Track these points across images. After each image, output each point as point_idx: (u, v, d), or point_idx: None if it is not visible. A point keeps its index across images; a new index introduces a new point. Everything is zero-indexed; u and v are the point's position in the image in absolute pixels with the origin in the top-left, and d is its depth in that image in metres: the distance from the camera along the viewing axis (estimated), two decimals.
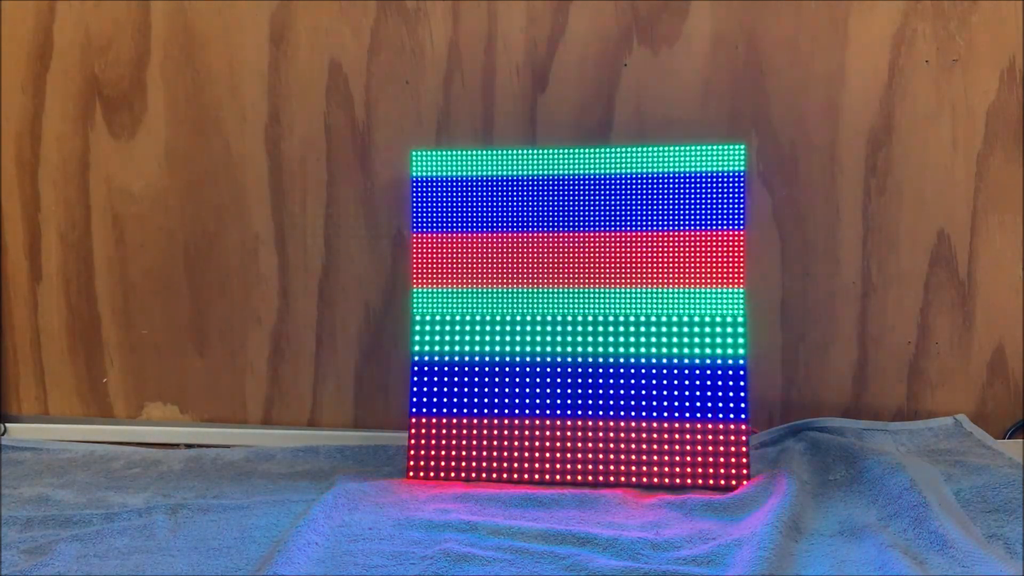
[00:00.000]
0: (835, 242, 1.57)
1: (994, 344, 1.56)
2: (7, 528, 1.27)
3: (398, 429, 1.60)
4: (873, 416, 1.58)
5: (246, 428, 1.69)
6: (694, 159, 1.41)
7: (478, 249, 1.45)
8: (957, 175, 1.54)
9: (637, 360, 1.40)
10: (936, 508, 1.16)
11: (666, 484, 1.36)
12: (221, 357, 1.70)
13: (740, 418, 1.36)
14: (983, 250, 1.55)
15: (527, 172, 1.45)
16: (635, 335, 1.40)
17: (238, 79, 1.64)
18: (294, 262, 1.66)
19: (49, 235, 1.71)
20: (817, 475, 1.37)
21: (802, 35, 1.54)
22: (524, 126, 1.59)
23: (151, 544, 1.21)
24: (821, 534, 1.18)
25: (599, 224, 1.43)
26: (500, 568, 1.08)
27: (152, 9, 1.64)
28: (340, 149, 1.63)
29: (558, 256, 1.44)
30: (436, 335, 1.45)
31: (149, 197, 1.68)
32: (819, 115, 1.55)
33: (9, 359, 1.75)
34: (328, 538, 1.17)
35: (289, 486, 1.43)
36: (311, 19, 1.61)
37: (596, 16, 1.56)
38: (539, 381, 1.42)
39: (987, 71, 1.52)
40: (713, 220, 1.40)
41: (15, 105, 1.69)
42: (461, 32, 1.59)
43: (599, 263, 1.43)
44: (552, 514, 1.26)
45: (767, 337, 1.58)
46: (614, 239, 1.43)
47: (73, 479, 1.48)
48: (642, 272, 1.41)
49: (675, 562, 1.09)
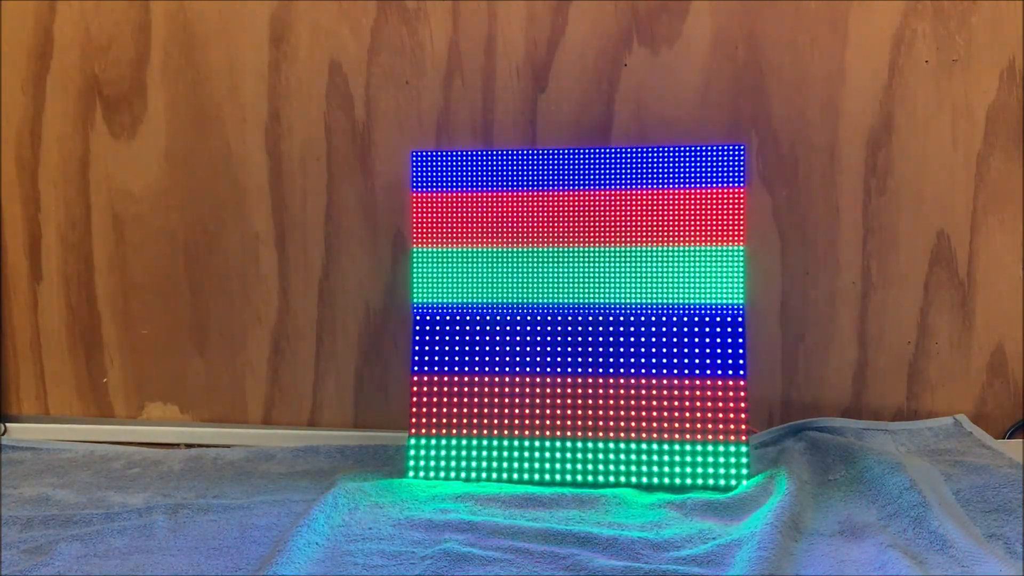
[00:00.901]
0: (835, 242, 1.57)
1: (994, 344, 1.56)
2: (7, 528, 1.27)
3: (398, 429, 1.60)
4: (873, 416, 1.58)
5: (246, 428, 1.69)
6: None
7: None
8: (957, 175, 1.54)
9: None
10: (936, 508, 1.16)
11: (666, 484, 1.36)
12: (221, 357, 1.70)
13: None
14: (983, 250, 1.55)
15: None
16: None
17: (238, 79, 1.64)
18: (294, 262, 1.66)
19: (49, 235, 1.71)
20: (817, 475, 1.37)
21: (802, 35, 1.54)
22: (524, 126, 1.59)
23: (151, 544, 1.21)
24: (821, 534, 1.18)
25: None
26: (500, 568, 1.08)
27: (152, 9, 1.64)
28: (340, 149, 1.63)
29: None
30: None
31: (149, 197, 1.68)
32: (819, 115, 1.55)
33: (9, 359, 1.75)
34: (328, 538, 1.17)
35: (289, 486, 1.43)
36: (311, 19, 1.61)
37: (596, 16, 1.56)
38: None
39: (987, 71, 1.52)
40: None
41: (15, 105, 1.69)
42: (461, 32, 1.59)
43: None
44: (552, 514, 1.26)
45: (767, 337, 1.58)
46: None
47: (73, 479, 1.48)
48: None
49: (675, 562, 1.10)
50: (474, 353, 1.43)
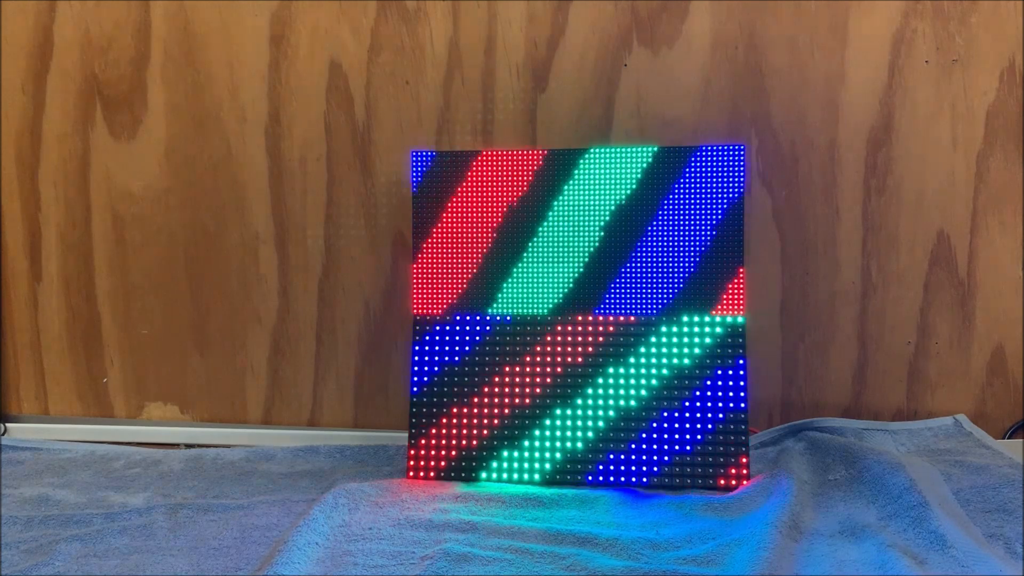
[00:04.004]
0: (835, 242, 1.57)
1: (994, 344, 1.56)
2: (7, 528, 1.27)
3: (398, 429, 1.60)
4: (873, 416, 1.58)
5: (246, 428, 1.69)
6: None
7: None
8: (957, 175, 1.54)
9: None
10: (936, 508, 1.16)
11: (666, 484, 1.36)
12: (221, 357, 1.70)
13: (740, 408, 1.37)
14: (983, 250, 1.55)
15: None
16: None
17: (238, 79, 1.64)
18: (294, 262, 1.66)
19: (49, 235, 1.71)
20: (817, 475, 1.37)
21: (802, 35, 1.54)
22: (524, 126, 1.59)
23: (151, 544, 1.21)
24: (821, 534, 1.18)
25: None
26: (500, 568, 1.08)
27: (152, 9, 1.64)
28: (340, 149, 1.63)
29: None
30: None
31: (149, 197, 1.68)
32: (819, 115, 1.55)
33: (9, 359, 1.75)
34: (328, 538, 1.17)
35: (289, 486, 1.43)
36: (311, 19, 1.61)
37: (596, 16, 1.56)
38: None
39: (987, 71, 1.52)
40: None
41: (15, 105, 1.69)
42: (461, 32, 1.59)
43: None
44: (552, 514, 1.26)
45: (767, 337, 1.58)
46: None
47: (73, 479, 1.48)
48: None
49: (675, 562, 1.10)
50: (474, 353, 1.43)
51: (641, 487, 1.36)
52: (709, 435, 1.36)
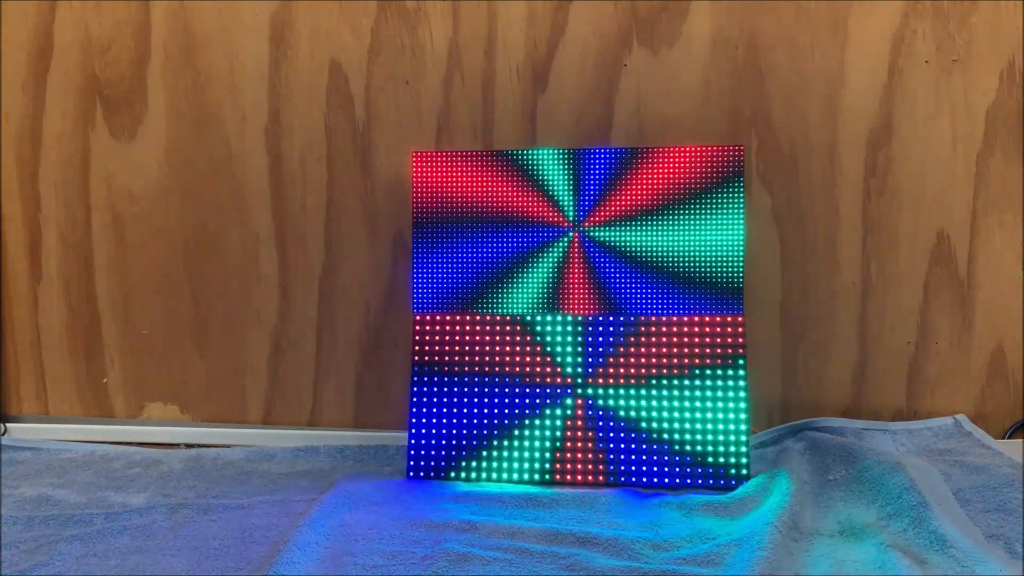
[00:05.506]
0: (835, 242, 1.57)
1: (994, 344, 1.56)
2: (7, 528, 1.27)
3: (398, 429, 1.60)
4: (873, 416, 1.58)
5: (246, 428, 1.69)
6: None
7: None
8: (957, 175, 1.54)
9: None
10: (936, 508, 1.16)
11: (666, 484, 1.36)
12: (221, 357, 1.70)
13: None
14: (983, 250, 1.55)
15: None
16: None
17: (238, 79, 1.64)
18: (294, 262, 1.66)
19: (49, 235, 1.71)
20: (817, 475, 1.37)
21: (802, 35, 1.54)
22: (524, 126, 1.59)
23: (151, 544, 1.21)
24: (821, 534, 1.18)
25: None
26: (500, 568, 1.08)
27: (152, 9, 1.64)
28: (340, 149, 1.63)
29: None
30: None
31: (149, 197, 1.68)
32: (819, 115, 1.55)
33: (9, 359, 1.75)
34: (328, 538, 1.17)
35: (289, 486, 1.43)
36: (311, 19, 1.61)
37: (596, 16, 1.56)
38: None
39: (987, 71, 1.52)
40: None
41: (15, 105, 1.69)
42: (461, 32, 1.59)
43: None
44: (552, 514, 1.26)
45: (767, 337, 1.58)
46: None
47: (73, 479, 1.48)
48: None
49: (675, 562, 1.10)
50: (474, 353, 1.43)
51: (641, 487, 1.36)
52: (709, 435, 1.37)
